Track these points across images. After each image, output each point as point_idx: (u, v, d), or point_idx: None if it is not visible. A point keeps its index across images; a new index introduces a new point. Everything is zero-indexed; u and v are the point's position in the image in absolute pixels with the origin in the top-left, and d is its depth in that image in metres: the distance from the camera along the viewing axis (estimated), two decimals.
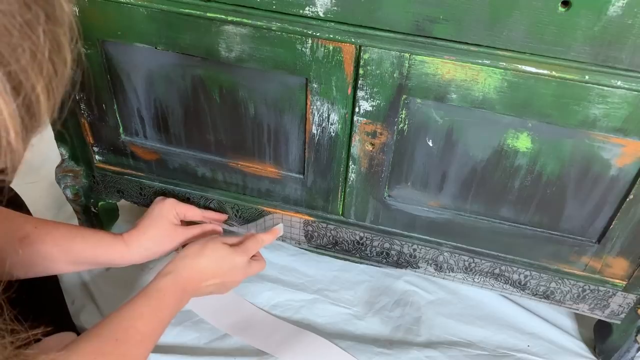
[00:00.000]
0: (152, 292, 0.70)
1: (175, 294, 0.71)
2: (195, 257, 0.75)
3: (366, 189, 0.78)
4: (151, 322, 0.67)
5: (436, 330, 0.93)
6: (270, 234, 0.85)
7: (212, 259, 0.76)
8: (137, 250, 0.80)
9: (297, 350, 0.88)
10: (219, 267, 0.76)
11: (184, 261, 0.74)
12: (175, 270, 0.73)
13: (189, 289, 0.74)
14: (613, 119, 0.62)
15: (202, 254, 0.75)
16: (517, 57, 0.60)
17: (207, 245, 0.76)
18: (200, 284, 0.75)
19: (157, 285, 0.71)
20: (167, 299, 0.70)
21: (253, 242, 0.81)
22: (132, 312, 0.67)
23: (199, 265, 0.75)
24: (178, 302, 0.72)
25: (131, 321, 0.66)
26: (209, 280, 0.75)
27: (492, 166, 0.71)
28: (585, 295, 0.82)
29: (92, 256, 0.77)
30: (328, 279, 1.00)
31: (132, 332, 0.65)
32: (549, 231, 0.76)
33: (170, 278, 0.72)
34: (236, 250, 0.78)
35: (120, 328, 0.65)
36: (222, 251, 0.77)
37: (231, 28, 0.66)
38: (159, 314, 0.69)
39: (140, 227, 0.81)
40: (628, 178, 0.68)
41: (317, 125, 0.73)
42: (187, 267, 0.74)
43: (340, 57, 0.65)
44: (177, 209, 0.83)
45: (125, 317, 0.66)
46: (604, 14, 0.55)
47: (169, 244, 0.82)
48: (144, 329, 0.66)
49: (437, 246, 0.83)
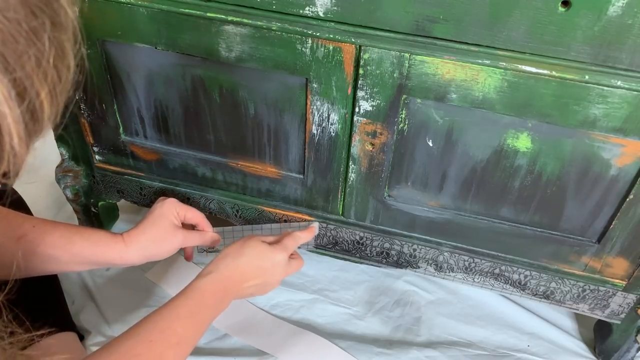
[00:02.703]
0: (191, 292, 0.68)
1: (215, 295, 0.69)
2: (236, 257, 0.73)
3: (366, 189, 0.78)
4: (189, 324, 0.65)
5: (436, 330, 0.93)
6: (308, 232, 0.83)
7: (253, 258, 0.74)
8: (135, 250, 0.77)
9: (297, 350, 0.88)
10: (260, 265, 0.74)
11: (224, 261, 0.72)
12: (216, 270, 0.71)
13: (231, 289, 0.72)
14: (613, 119, 0.62)
15: (242, 253, 0.73)
16: (517, 57, 0.60)
17: (246, 244, 0.75)
18: (242, 284, 0.73)
19: (196, 285, 0.69)
20: (206, 300, 0.68)
21: (291, 240, 0.79)
22: (169, 313, 0.65)
23: (240, 264, 0.73)
24: (219, 304, 0.70)
25: (168, 322, 0.64)
26: (250, 280, 0.73)
27: (492, 166, 0.71)
28: (585, 295, 0.82)
29: (91, 255, 0.75)
30: (328, 279, 1.00)
31: (168, 334, 0.63)
32: (549, 231, 0.76)
33: (210, 278, 0.70)
34: (276, 248, 0.76)
35: (156, 329, 0.63)
36: (262, 249, 0.75)
37: (231, 28, 0.66)
38: (197, 316, 0.66)
39: (140, 227, 0.79)
40: (628, 178, 0.68)
41: (317, 125, 0.73)
42: (228, 267, 0.72)
43: (340, 57, 0.65)
44: (178, 209, 0.81)
45: (162, 317, 0.64)
46: (604, 14, 0.55)
47: (168, 245, 0.80)
48: (181, 330, 0.64)
49: (437, 246, 0.83)
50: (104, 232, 0.78)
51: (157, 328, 0.63)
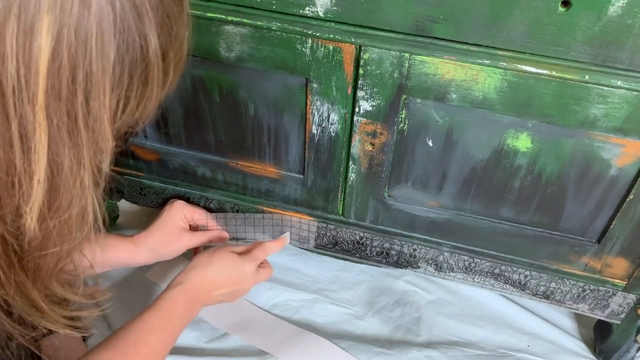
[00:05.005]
0: (162, 303, 0.71)
1: (185, 305, 0.72)
2: (204, 267, 0.76)
3: (366, 189, 0.78)
4: (161, 335, 0.68)
5: (436, 330, 0.93)
6: (277, 242, 0.85)
7: (221, 268, 0.76)
8: (144, 251, 0.82)
9: (297, 350, 0.88)
10: (229, 275, 0.77)
11: (193, 271, 0.75)
12: (185, 281, 0.74)
13: (200, 298, 0.75)
14: (613, 119, 0.62)
15: (211, 263, 0.76)
16: (517, 57, 0.60)
17: (215, 254, 0.77)
18: (210, 294, 0.76)
19: (167, 297, 0.72)
20: (177, 310, 0.71)
21: (260, 250, 0.81)
22: (142, 325, 0.68)
23: (208, 274, 0.75)
24: (188, 313, 0.73)
25: (141, 334, 0.67)
26: (219, 289, 0.76)
27: (492, 166, 0.71)
28: (585, 295, 0.82)
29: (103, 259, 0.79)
30: (328, 278, 1.00)
31: (141, 346, 0.66)
32: (549, 231, 0.76)
33: (179, 289, 0.73)
34: (245, 259, 0.78)
35: (130, 342, 0.65)
36: (230, 260, 0.77)
37: (231, 28, 0.66)
38: (168, 326, 0.69)
39: (149, 230, 0.84)
40: (628, 178, 0.68)
41: (317, 125, 0.73)
42: (196, 277, 0.75)
43: (340, 57, 0.65)
44: (185, 211, 0.86)
45: (135, 330, 0.67)
46: (604, 14, 0.55)
47: (175, 246, 0.85)
48: (154, 342, 0.67)
49: (437, 246, 0.83)
50: (115, 236, 0.83)
51: (131, 341, 0.66)
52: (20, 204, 0.36)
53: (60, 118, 0.35)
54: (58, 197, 0.37)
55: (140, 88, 0.38)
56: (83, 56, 0.34)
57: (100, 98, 0.36)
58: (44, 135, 0.34)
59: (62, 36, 0.33)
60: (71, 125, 0.35)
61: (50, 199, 0.37)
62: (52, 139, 0.35)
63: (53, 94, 0.34)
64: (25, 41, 0.32)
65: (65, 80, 0.34)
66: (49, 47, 0.33)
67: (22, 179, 0.35)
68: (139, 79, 0.38)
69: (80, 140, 0.36)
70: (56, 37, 0.33)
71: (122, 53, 0.36)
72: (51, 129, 0.35)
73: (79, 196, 0.38)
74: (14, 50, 0.32)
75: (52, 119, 0.34)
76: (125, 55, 0.36)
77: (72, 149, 0.36)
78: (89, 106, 0.35)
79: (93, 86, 0.35)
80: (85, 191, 0.38)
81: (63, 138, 0.35)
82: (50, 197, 0.37)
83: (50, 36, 0.32)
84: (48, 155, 0.35)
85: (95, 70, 0.35)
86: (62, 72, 0.33)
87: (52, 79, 0.33)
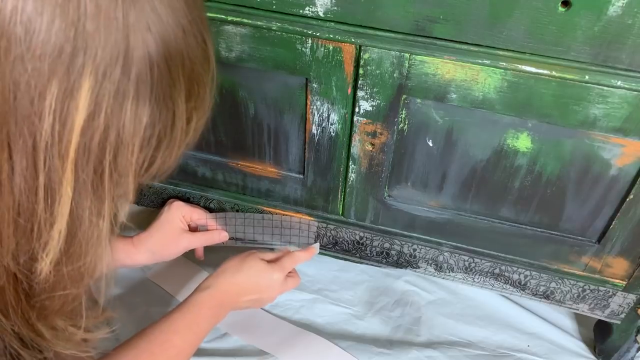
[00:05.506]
0: (189, 306, 0.72)
1: (211, 309, 0.73)
2: (234, 273, 0.77)
3: (366, 189, 0.78)
4: (187, 337, 0.69)
5: (436, 330, 0.93)
6: (307, 252, 0.86)
7: (250, 275, 0.77)
8: (144, 252, 0.83)
9: (297, 350, 0.88)
10: (257, 283, 0.78)
11: (222, 276, 0.76)
12: (214, 285, 0.75)
13: (227, 303, 0.76)
14: (613, 119, 0.62)
15: (241, 269, 0.77)
16: (517, 57, 0.60)
17: (245, 260, 0.78)
18: (237, 299, 0.77)
19: (194, 300, 0.73)
20: (203, 313, 0.72)
21: (289, 260, 0.82)
22: (169, 326, 0.69)
23: (237, 280, 0.76)
24: (215, 317, 0.74)
25: (168, 335, 0.68)
26: (246, 295, 0.77)
27: (492, 166, 0.71)
28: (585, 295, 0.82)
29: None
30: (328, 278, 1.00)
31: (167, 346, 0.67)
32: (549, 231, 0.76)
33: (207, 293, 0.74)
34: (273, 267, 0.79)
35: (156, 342, 0.66)
36: (260, 267, 0.78)
37: (231, 28, 0.66)
38: (194, 328, 0.70)
39: (148, 231, 0.84)
40: (628, 178, 0.68)
41: (317, 125, 0.73)
42: (225, 282, 0.76)
43: (340, 57, 0.65)
44: (183, 212, 0.86)
45: (162, 330, 0.68)
46: (604, 14, 0.55)
47: (174, 248, 0.85)
48: (179, 343, 0.68)
49: (437, 246, 0.83)
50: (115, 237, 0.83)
51: (157, 341, 0.67)
52: (37, 249, 0.37)
53: (87, 172, 0.35)
54: (74, 245, 0.38)
55: (165, 149, 0.39)
56: (118, 118, 0.35)
57: (128, 157, 0.37)
58: (70, 188, 0.35)
59: (101, 99, 0.34)
60: (97, 179, 0.36)
61: (66, 247, 0.38)
62: (77, 192, 0.36)
63: (83, 150, 0.34)
64: (64, 102, 0.33)
65: (98, 138, 0.35)
66: (86, 109, 0.33)
67: (42, 227, 0.36)
68: (165, 140, 0.39)
69: (103, 194, 0.37)
70: (95, 100, 0.33)
71: (155, 117, 0.37)
72: (77, 183, 0.35)
73: (94, 245, 0.39)
74: (52, 109, 0.33)
75: (80, 173, 0.35)
76: (156, 120, 0.37)
77: (94, 201, 0.37)
78: (116, 163, 0.36)
79: (123, 146, 0.36)
80: (101, 240, 0.39)
81: (87, 191, 0.36)
82: (66, 244, 0.37)
83: (89, 99, 0.33)
84: (71, 206, 0.36)
85: (127, 132, 0.36)
86: (96, 131, 0.34)
87: (85, 136, 0.34)
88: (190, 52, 0.38)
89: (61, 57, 0.32)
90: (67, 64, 0.32)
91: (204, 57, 0.40)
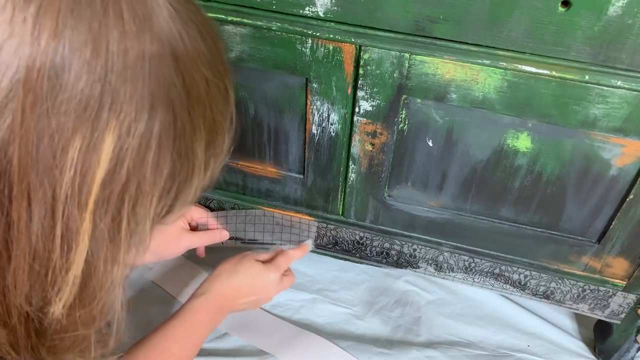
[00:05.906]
0: (186, 313, 0.72)
1: (209, 314, 0.73)
2: (229, 276, 0.77)
3: (366, 189, 0.78)
4: (184, 343, 0.69)
5: (436, 330, 0.93)
6: (300, 249, 0.86)
7: (246, 277, 0.77)
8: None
9: (297, 349, 0.88)
10: (253, 284, 0.78)
11: (218, 280, 0.76)
12: (210, 290, 0.75)
13: (224, 307, 0.76)
14: (613, 119, 0.62)
15: (236, 271, 0.77)
16: (517, 57, 0.60)
17: (240, 263, 0.78)
18: (235, 302, 0.77)
19: (191, 307, 0.73)
20: (200, 320, 0.72)
21: (284, 259, 0.82)
22: (166, 335, 0.69)
23: (233, 283, 0.76)
24: (212, 322, 0.74)
25: (165, 343, 0.68)
26: (243, 297, 0.77)
27: (492, 166, 0.71)
28: (585, 295, 0.82)
29: None
30: (328, 279, 1.00)
31: (166, 355, 0.67)
32: (549, 231, 0.76)
33: (204, 298, 0.74)
34: (269, 267, 0.79)
35: (154, 351, 0.67)
36: (255, 268, 0.78)
37: (231, 28, 0.66)
38: (192, 336, 0.71)
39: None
40: (628, 178, 0.68)
41: (317, 125, 0.73)
42: (221, 286, 0.76)
43: (340, 57, 0.65)
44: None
45: (160, 339, 0.68)
46: (604, 14, 0.55)
47: (175, 248, 0.85)
48: (178, 351, 0.68)
49: (437, 246, 0.83)
50: None
51: (155, 350, 0.67)
52: (50, 293, 0.37)
53: (105, 222, 0.35)
54: (88, 290, 0.38)
55: (183, 196, 0.40)
56: (139, 170, 0.35)
57: (147, 207, 0.37)
58: (87, 237, 0.35)
59: (124, 153, 0.34)
60: (114, 228, 0.36)
61: (80, 292, 0.37)
62: (93, 240, 0.36)
63: (103, 201, 0.34)
64: (86, 156, 0.33)
65: (117, 190, 0.35)
66: (108, 163, 0.33)
67: (56, 273, 0.36)
68: (184, 190, 0.39)
69: (120, 242, 0.37)
70: (117, 154, 0.33)
71: (175, 169, 0.37)
72: (94, 232, 0.35)
73: (108, 290, 0.39)
74: (74, 163, 0.32)
75: (97, 222, 0.35)
76: (177, 171, 0.37)
77: (110, 249, 0.37)
78: (134, 212, 0.36)
79: (142, 196, 0.36)
80: (115, 285, 0.39)
81: (104, 239, 0.36)
82: (80, 290, 0.37)
83: (112, 153, 0.33)
84: (87, 254, 0.36)
85: (148, 183, 0.36)
86: (116, 183, 0.34)
87: (105, 189, 0.34)
88: (212, 102, 0.38)
89: (86, 113, 0.32)
90: (92, 120, 0.32)
91: (225, 104, 0.40)
